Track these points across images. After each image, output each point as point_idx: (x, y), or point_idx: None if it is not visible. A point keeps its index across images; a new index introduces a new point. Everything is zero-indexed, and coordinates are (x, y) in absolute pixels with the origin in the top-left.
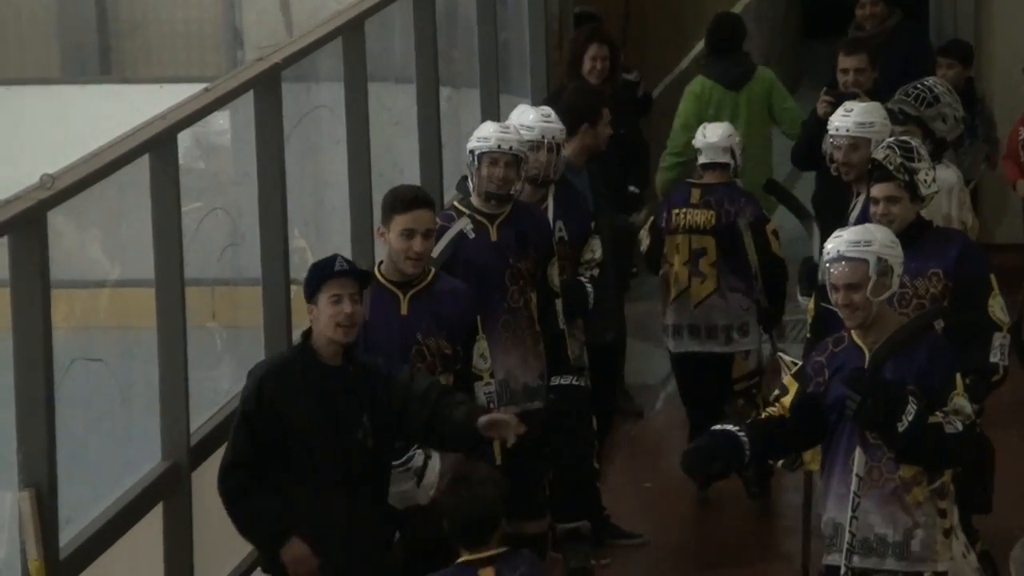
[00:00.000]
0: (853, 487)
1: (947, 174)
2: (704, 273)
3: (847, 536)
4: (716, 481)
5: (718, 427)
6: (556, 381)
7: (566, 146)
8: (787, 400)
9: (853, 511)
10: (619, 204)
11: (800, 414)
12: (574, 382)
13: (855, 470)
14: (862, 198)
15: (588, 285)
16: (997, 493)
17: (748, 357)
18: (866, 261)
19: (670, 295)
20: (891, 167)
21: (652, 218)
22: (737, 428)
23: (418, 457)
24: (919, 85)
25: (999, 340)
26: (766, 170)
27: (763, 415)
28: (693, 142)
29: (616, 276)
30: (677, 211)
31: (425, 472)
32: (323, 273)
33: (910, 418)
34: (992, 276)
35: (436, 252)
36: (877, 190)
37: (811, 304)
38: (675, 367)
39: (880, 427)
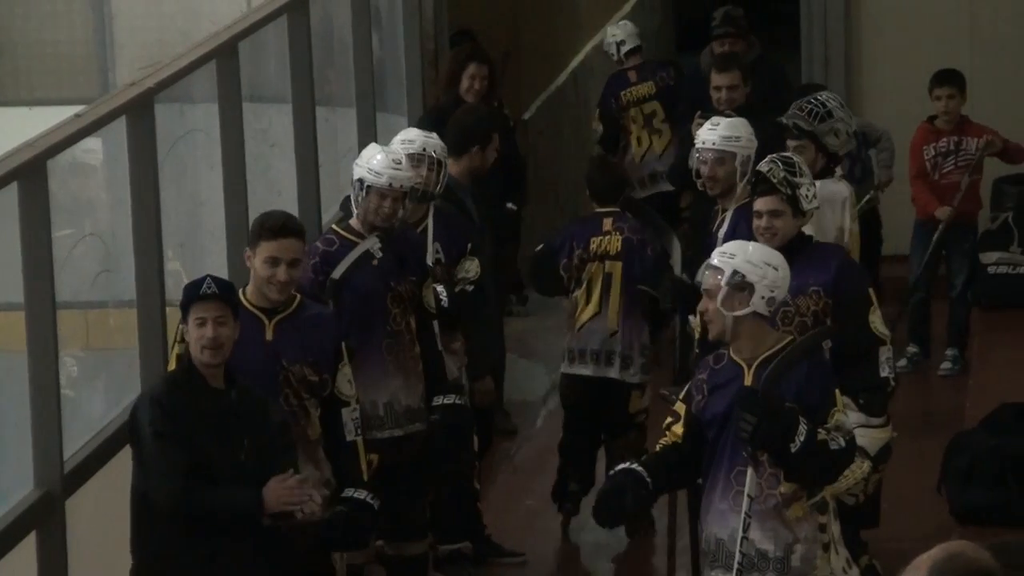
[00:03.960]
0: (744, 507)
1: (839, 187)
2: (659, 129)
3: (737, 556)
4: (637, 523)
5: (617, 469)
6: (438, 401)
7: (452, 165)
8: (678, 427)
9: (744, 532)
10: (497, 221)
11: (694, 438)
12: (456, 401)
13: (747, 490)
14: (729, 214)
15: (439, 287)
16: (886, 505)
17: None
18: (721, 270)
19: (636, 157)
20: (775, 180)
21: (598, 109)
22: (635, 464)
23: None
24: (813, 100)
25: (885, 354)
26: None
27: (657, 447)
28: (604, 46)
29: (496, 295)
30: (624, 92)
31: None
32: (189, 296)
33: (802, 438)
34: (871, 290)
35: (339, 272)
36: (760, 203)
37: (697, 320)
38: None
39: (773, 448)
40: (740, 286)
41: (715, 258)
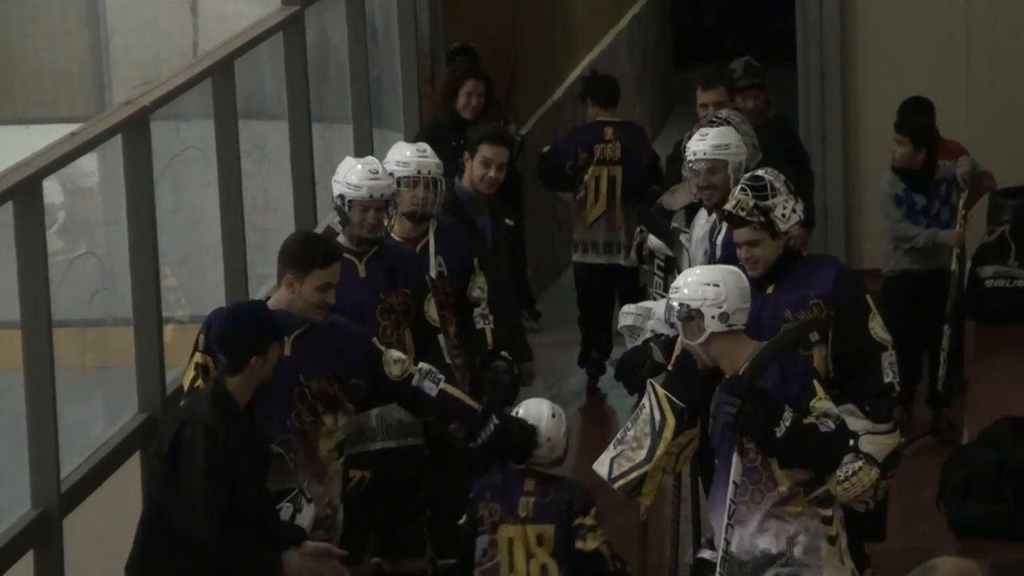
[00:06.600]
0: (730, 494)
1: None
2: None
3: (722, 544)
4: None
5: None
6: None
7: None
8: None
9: (729, 518)
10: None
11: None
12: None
13: (732, 476)
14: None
15: (501, 365)
16: (891, 519)
17: None
18: (672, 308)
19: None
20: (744, 213)
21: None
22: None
23: (285, 510)
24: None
25: (887, 360)
26: None
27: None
28: None
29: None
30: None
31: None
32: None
33: (787, 424)
34: (868, 296)
35: None
36: (737, 236)
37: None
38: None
39: (758, 433)
40: (689, 316)
41: (671, 298)
